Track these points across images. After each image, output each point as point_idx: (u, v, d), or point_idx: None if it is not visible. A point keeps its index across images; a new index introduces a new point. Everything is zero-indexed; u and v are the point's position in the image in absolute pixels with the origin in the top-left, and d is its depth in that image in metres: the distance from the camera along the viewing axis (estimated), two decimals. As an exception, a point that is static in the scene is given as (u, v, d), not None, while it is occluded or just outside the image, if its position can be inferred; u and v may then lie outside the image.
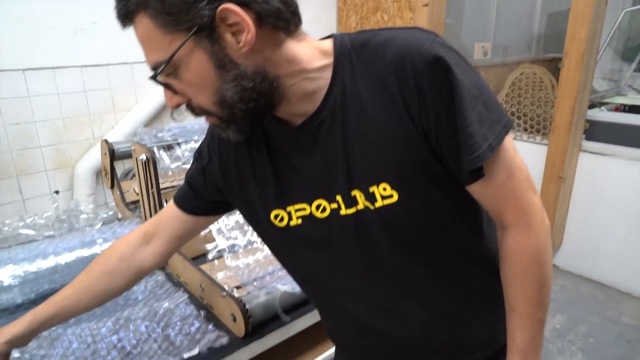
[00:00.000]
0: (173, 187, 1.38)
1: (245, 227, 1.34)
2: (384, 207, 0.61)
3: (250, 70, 0.57)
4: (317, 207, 0.66)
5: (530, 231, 0.63)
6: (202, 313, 1.08)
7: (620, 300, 2.41)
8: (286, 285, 1.06)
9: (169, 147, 1.33)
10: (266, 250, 1.31)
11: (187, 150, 1.34)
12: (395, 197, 0.61)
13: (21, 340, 0.78)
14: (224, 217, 1.30)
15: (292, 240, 0.71)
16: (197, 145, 1.35)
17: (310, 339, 1.18)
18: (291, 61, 0.59)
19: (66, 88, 1.98)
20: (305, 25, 0.61)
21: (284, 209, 0.69)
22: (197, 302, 1.13)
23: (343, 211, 0.65)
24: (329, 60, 0.62)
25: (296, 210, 0.68)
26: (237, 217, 1.34)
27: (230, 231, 1.31)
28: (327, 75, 0.61)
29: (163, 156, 1.31)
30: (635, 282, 2.39)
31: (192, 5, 0.52)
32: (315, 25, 2.58)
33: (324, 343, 1.19)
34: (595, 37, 2.14)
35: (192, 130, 1.39)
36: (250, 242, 1.32)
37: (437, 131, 0.58)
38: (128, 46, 2.08)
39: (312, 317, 1.11)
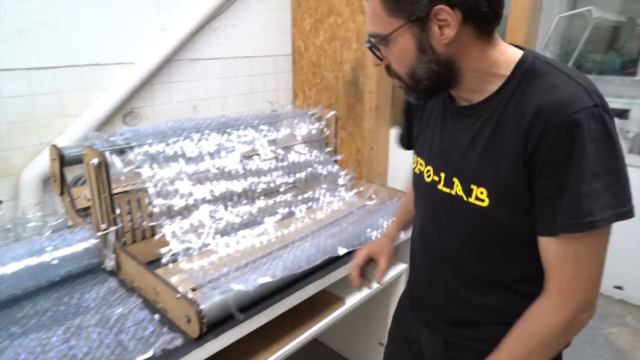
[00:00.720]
0: (126, 192, 1.36)
1: (200, 230, 1.35)
2: (474, 204, 0.74)
3: (442, 58, 0.69)
4: (427, 171, 0.85)
5: (561, 312, 0.66)
6: (157, 317, 1.08)
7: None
8: (240, 284, 1.08)
9: (121, 152, 1.31)
10: (220, 252, 1.33)
11: (140, 154, 1.32)
12: (486, 203, 0.72)
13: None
14: (178, 220, 1.30)
15: (414, 180, 0.93)
16: (150, 148, 1.34)
17: (265, 337, 1.20)
18: (478, 59, 0.70)
19: (10, 92, 1.90)
20: (259, 28, 0.65)
21: (418, 156, 0.89)
22: (151, 306, 1.13)
23: (440, 186, 0.81)
24: (507, 72, 0.70)
25: (420, 164, 0.88)
26: (191, 220, 1.34)
27: (184, 234, 1.31)
28: (499, 82, 0.71)
29: (115, 160, 1.29)
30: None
31: (416, 0, 0.65)
32: (269, 28, 2.59)
33: (279, 341, 1.22)
34: (532, 42, 2.28)
35: (146, 134, 1.37)
36: (205, 245, 1.33)
37: (537, 182, 0.66)
38: (78, 48, 2.02)
39: (266, 315, 1.14)
